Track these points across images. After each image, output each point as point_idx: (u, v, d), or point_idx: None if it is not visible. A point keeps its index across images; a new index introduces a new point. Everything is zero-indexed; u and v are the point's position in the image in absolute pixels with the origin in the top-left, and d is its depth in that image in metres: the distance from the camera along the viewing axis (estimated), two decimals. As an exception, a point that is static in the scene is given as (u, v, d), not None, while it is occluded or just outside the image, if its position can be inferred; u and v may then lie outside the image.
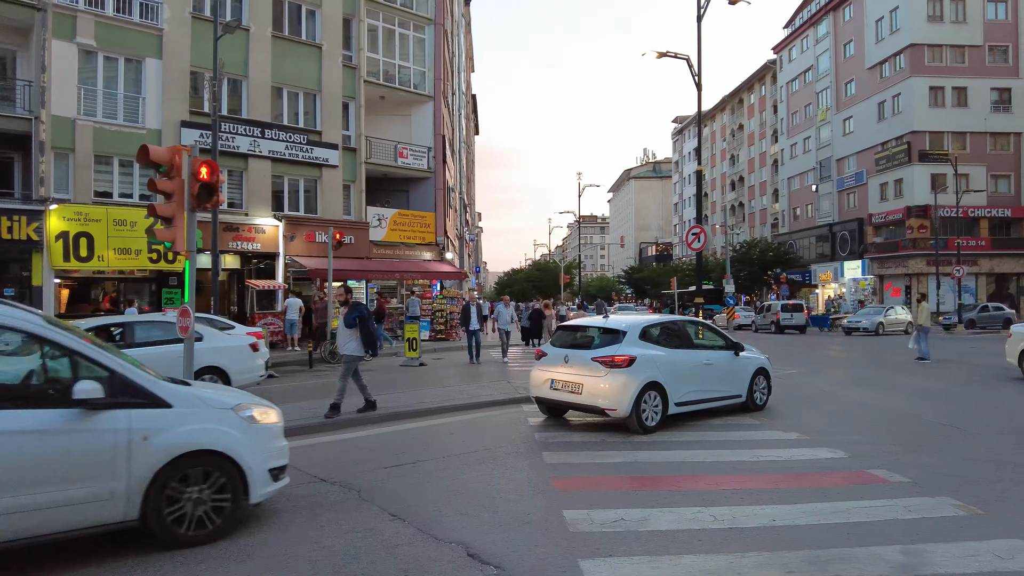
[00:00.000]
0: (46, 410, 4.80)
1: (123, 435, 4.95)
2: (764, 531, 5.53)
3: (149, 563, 4.92)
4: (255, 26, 24.95)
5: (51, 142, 20.85)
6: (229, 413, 5.62)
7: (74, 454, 4.78)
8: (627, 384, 9.27)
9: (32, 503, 4.56)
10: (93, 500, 4.83)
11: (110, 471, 4.89)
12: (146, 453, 5.02)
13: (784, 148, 64.64)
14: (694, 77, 18.73)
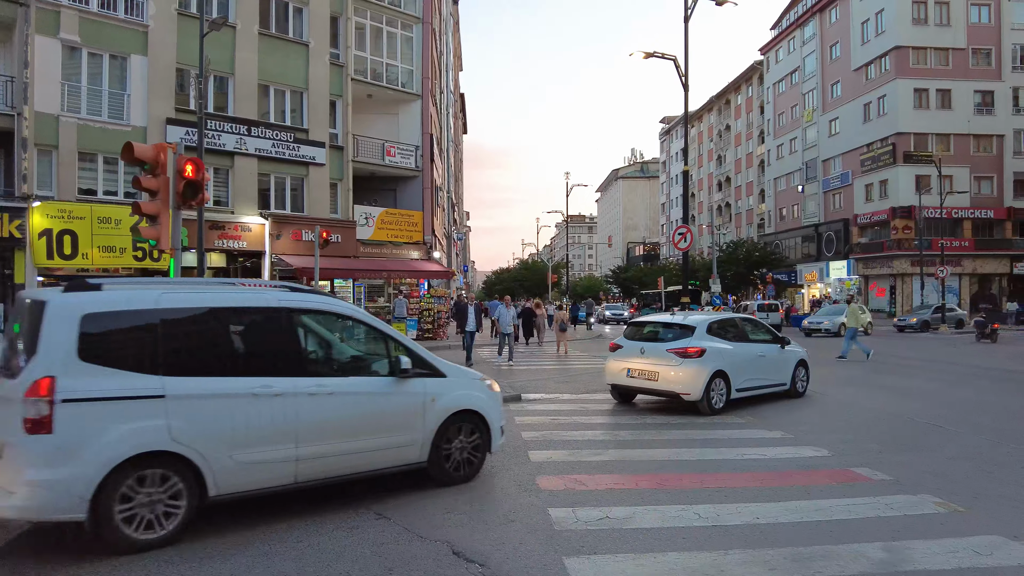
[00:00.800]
0: (379, 377, 6.50)
1: (420, 397, 6.60)
2: (747, 529, 5.57)
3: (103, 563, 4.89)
4: (242, 23, 24.80)
5: (34, 139, 20.64)
6: (479, 382, 7.32)
7: (394, 410, 6.44)
8: (699, 372, 10.79)
9: (372, 445, 6.27)
10: (404, 445, 6.49)
11: (413, 424, 6.53)
12: (434, 411, 6.68)
13: (770, 149, 65.00)
14: (681, 78, 18.80)
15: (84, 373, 5.00)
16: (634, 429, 9.77)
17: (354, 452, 6.15)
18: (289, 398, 5.75)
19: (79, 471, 4.85)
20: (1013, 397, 13.01)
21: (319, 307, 6.37)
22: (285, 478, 5.78)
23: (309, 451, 5.82)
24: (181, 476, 5.20)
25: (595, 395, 13.32)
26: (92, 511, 4.87)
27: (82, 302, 5.22)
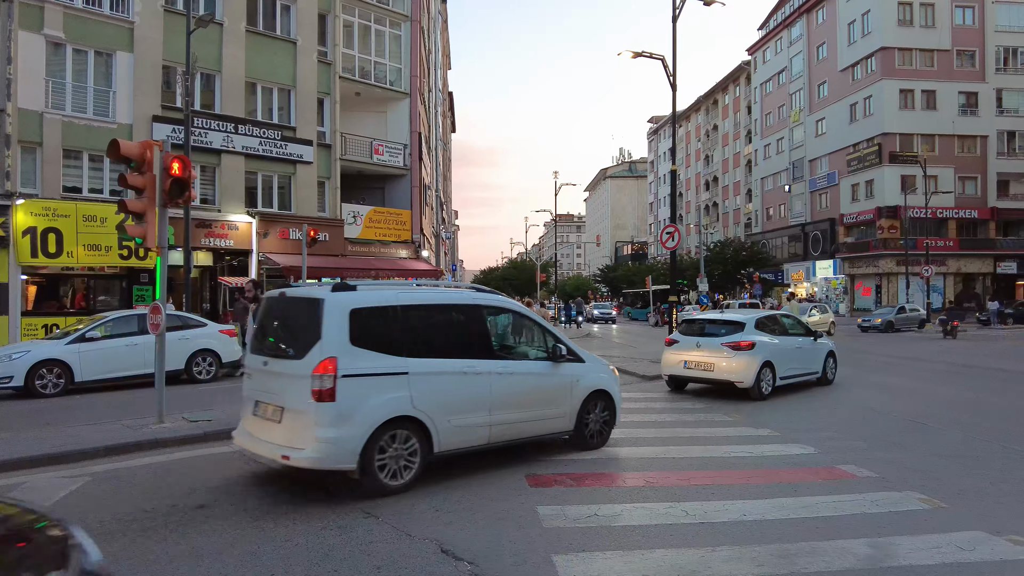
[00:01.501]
0: (541, 361, 8.02)
1: (569, 378, 8.13)
2: (734, 526, 5.61)
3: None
4: (229, 20, 24.65)
5: (18, 136, 20.43)
6: (607, 367, 8.85)
7: (552, 388, 7.98)
8: (750, 363, 12.25)
9: (539, 416, 7.81)
10: (558, 417, 8.00)
11: (564, 399, 8.06)
12: (578, 389, 8.18)
13: (758, 149, 65.33)
14: (669, 78, 18.86)
15: (354, 355, 6.40)
16: (622, 428, 9.78)
17: (527, 420, 7.69)
18: (485, 376, 7.26)
19: (353, 431, 6.24)
20: (992, 395, 13.16)
21: (500, 305, 8.05)
22: (481, 439, 7.28)
23: (498, 418, 7.34)
24: (417, 436, 6.65)
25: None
26: (360, 462, 6.26)
27: (349, 299, 6.62)
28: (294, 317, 7.09)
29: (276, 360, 6.92)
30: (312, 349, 6.31)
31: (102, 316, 14.82)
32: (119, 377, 13.86)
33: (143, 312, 14.56)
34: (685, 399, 12.64)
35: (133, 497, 6.45)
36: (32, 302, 21.18)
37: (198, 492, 6.60)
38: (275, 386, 6.77)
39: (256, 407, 6.95)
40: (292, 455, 6.19)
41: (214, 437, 8.95)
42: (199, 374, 14.77)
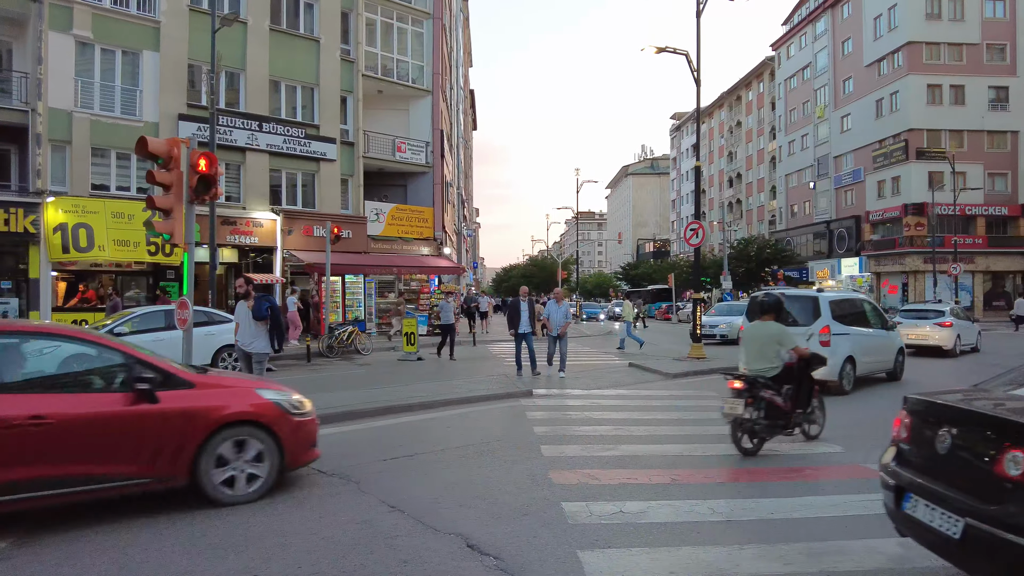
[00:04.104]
0: (882, 329, 14.46)
1: (895, 340, 14.98)
2: (761, 523, 5.56)
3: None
4: (253, 19, 24.87)
5: (48, 134, 20.79)
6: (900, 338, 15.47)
7: (889, 345, 14.57)
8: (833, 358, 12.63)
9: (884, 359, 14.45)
10: (888, 363, 14.50)
11: (891, 354, 14.57)
12: (897, 345, 14.92)
13: (782, 145, 64.68)
14: (693, 73, 18.72)
15: (834, 325, 12.68)
16: (646, 425, 9.75)
17: (880, 362, 13.76)
18: (867, 336, 13.29)
19: (836, 360, 12.18)
20: None
21: (865, 299, 14.73)
22: (868, 371, 13.45)
23: (874, 359, 13.33)
24: (851, 366, 12.90)
25: (605, 391, 13.32)
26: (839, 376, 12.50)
27: (826, 296, 13.24)
28: (804, 306, 13.13)
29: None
30: (815, 322, 12.74)
31: (129, 312, 15.03)
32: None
33: (170, 308, 14.76)
34: (712, 397, 12.53)
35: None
36: (62, 298, 21.53)
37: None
38: None
39: None
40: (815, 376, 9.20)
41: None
42: (225, 369, 14.92)
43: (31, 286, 20.34)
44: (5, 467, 5.05)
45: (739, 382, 7.88)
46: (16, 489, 5.12)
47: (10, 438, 5.07)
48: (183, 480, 5.85)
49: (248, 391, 6.46)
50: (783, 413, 8.00)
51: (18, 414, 5.12)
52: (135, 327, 14.24)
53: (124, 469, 5.54)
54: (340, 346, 20.21)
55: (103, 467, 5.45)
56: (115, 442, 5.53)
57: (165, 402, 5.73)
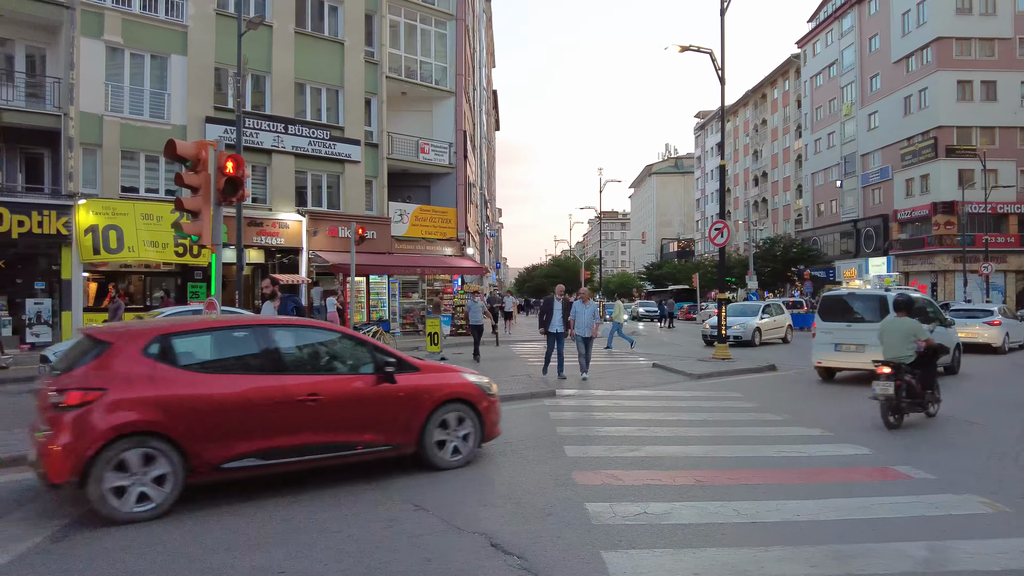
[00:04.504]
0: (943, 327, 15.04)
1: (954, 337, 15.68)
2: (787, 526, 5.52)
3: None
4: (278, 22, 25.14)
5: (79, 138, 21.19)
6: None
7: (948, 340, 14.73)
8: None
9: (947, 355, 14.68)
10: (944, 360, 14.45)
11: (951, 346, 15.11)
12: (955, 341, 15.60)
13: (808, 143, 63.99)
14: (718, 72, 18.61)
15: None
16: (670, 426, 9.72)
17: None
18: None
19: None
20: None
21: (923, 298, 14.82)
22: None
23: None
24: None
25: (628, 391, 13.29)
26: None
27: (890, 295, 12.92)
28: (865, 304, 14.30)
29: (856, 323, 14.00)
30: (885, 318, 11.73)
31: (159, 312, 15.26)
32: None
33: (198, 308, 14.98)
34: (737, 398, 12.46)
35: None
36: (93, 298, 21.93)
37: (255, 484, 6.74)
38: (860, 336, 13.56)
39: (837, 347, 14.21)
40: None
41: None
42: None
43: (63, 287, 20.74)
44: (294, 433, 6.29)
45: (888, 368, 9.45)
46: (303, 452, 6.37)
47: (296, 410, 6.30)
48: (411, 448, 7.08)
49: (457, 374, 7.74)
50: (918, 393, 9.58)
51: (300, 392, 6.34)
52: (164, 327, 14.44)
53: (371, 438, 6.78)
54: (364, 346, 20.28)
55: (358, 436, 6.70)
56: (366, 415, 6.77)
57: (400, 383, 6.97)
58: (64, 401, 5.53)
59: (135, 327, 6.32)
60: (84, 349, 6.11)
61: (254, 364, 6.41)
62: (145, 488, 5.65)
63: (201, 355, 6.33)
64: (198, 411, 5.89)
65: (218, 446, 5.94)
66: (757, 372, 16.44)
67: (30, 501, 6.19)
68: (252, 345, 6.55)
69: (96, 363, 5.80)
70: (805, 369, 16.20)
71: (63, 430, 5.48)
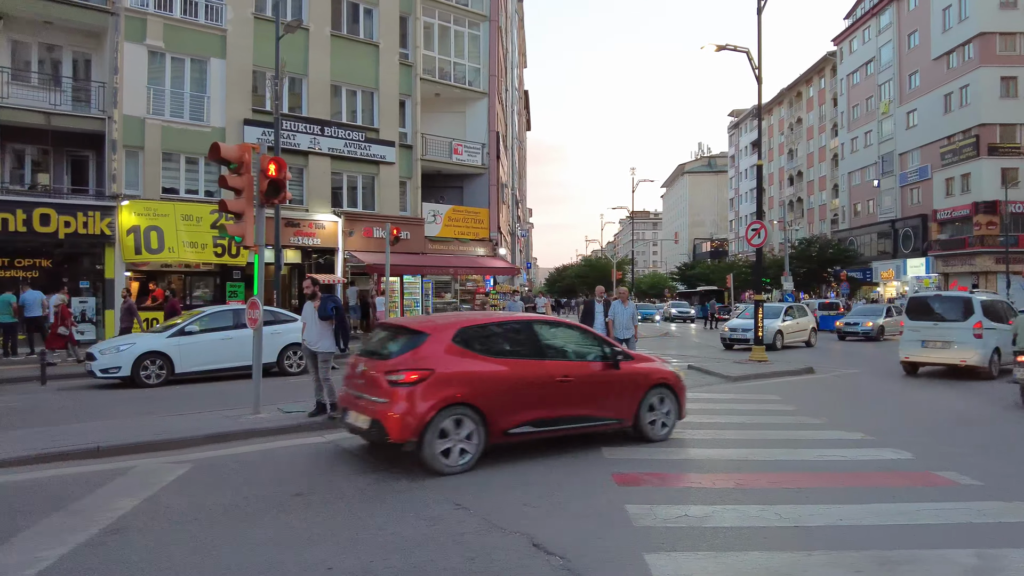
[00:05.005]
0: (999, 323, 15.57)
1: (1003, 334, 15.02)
2: (830, 530, 5.48)
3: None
4: (314, 25, 25.45)
5: (122, 140, 21.68)
6: None
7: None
8: (983, 347, 15.09)
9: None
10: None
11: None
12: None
13: (844, 142, 62.99)
14: (754, 70, 18.44)
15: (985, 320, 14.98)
16: (708, 428, 9.67)
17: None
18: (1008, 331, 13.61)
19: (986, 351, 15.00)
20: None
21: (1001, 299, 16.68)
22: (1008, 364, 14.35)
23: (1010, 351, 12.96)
24: None
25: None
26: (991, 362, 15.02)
27: (978, 297, 15.62)
28: (951, 305, 15.48)
29: (942, 322, 15.28)
30: (970, 317, 14.82)
31: (199, 311, 15.58)
32: (215, 369, 14.57)
33: (237, 307, 15.26)
34: (774, 401, 12.35)
35: (234, 484, 6.78)
36: (135, 297, 22.39)
37: (295, 480, 6.89)
38: (946, 334, 15.10)
39: (924, 343, 15.48)
40: (967, 360, 14.67)
41: (307, 428, 9.32)
42: (289, 367, 15.39)
43: (106, 286, 21.25)
44: (554, 408, 7.79)
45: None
46: (559, 422, 7.87)
47: (555, 389, 7.79)
48: (629, 423, 8.50)
49: (659, 363, 9.19)
50: None
51: (557, 374, 7.86)
52: (204, 325, 14.74)
53: (603, 413, 8.26)
54: (399, 345, 20.48)
55: (595, 411, 8.17)
56: (600, 395, 8.23)
57: (623, 369, 8.46)
58: (403, 379, 7.05)
59: (442, 322, 7.97)
60: (402, 338, 7.80)
61: (524, 351, 7.95)
62: (463, 445, 7.19)
63: (489, 343, 7.86)
64: (493, 387, 7.41)
65: (506, 415, 7.44)
66: (795, 375, 16.27)
67: (86, 494, 6.38)
68: (522, 336, 8.18)
69: (420, 349, 7.31)
70: (844, 373, 16.04)
71: (402, 400, 6.98)
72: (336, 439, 8.86)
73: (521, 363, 7.76)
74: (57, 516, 5.80)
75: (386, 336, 8.29)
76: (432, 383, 7.06)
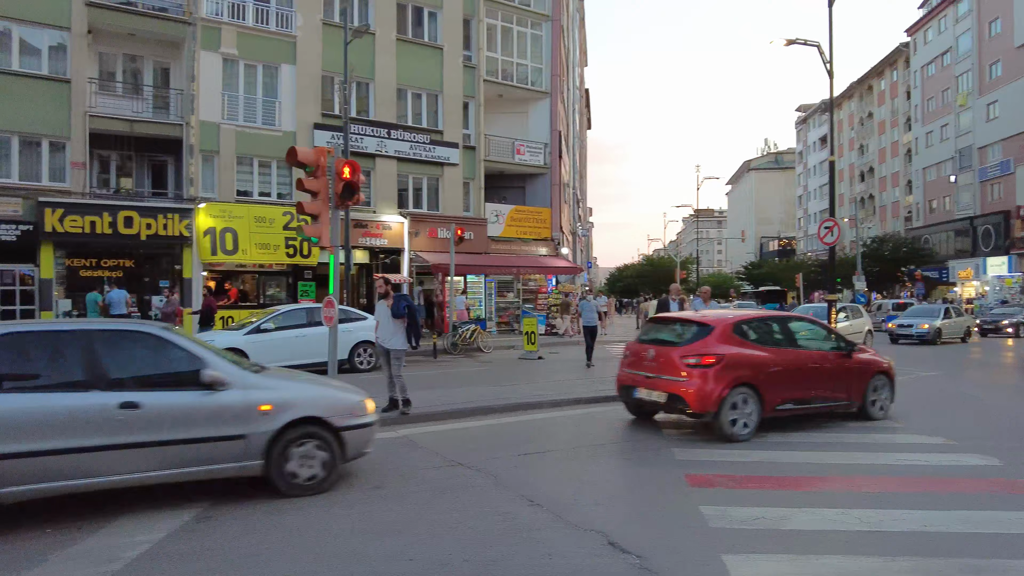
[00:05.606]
0: None
1: None
2: (913, 536, 5.34)
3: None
4: (380, 30, 25.94)
5: (199, 145, 22.55)
6: None
7: None
8: None
9: None
10: None
11: None
12: None
13: (918, 136, 60.66)
14: (825, 64, 18.01)
15: None
16: (781, 431, 9.50)
17: None
18: None
19: None
20: None
21: None
22: None
23: None
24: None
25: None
26: None
27: None
28: None
29: None
30: None
31: (274, 309, 16.09)
32: (288, 366, 14.98)
33: (310, 306, 15.71)
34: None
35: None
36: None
37: (371, 473, 7.07)
38: None
39: None
40: None
41: (380, 423, 9.52)
42: (360, 364, 15.77)
43: (184, 285, 22.12)
44: (808, 389, 9.36)
45: None
46: (812, 402, 9.46)
47: (809, 374, 9.41)
48: (857, 407, 9.99)
49: (877, 355, 10.67)
50: None
51: (810, 361, 9.54)
52: (279, 323, 15.22)
53: (840, 395, 9.73)
54: (463, 344, 20.79)
55: (836, 394, 9.70)
56: (839, 380, 9.73)
57: (854, 359, 9.96)
58: (701, 361, 8.59)
59: (721, 317, 9.60)
60: (688, 329, 9.39)
61: (784, 342, 9.63)
62: (745, 419, 8.65)
63: (758, 335, 9.41)
64: (765, 371, 8.93)
65: (775, 394, 8.94)
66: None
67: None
68: (781, 329, 9.85)
69: (709, 338, 8.85)
70: (922, 376, 15.49)
71: (701, 379, 8.51)
72: (408, 434, 9.07)
73: (783, 351, 9.40)
74: None
75: (668, 328, 9.96)
76: (725, 366, 8.59)
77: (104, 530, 5.49)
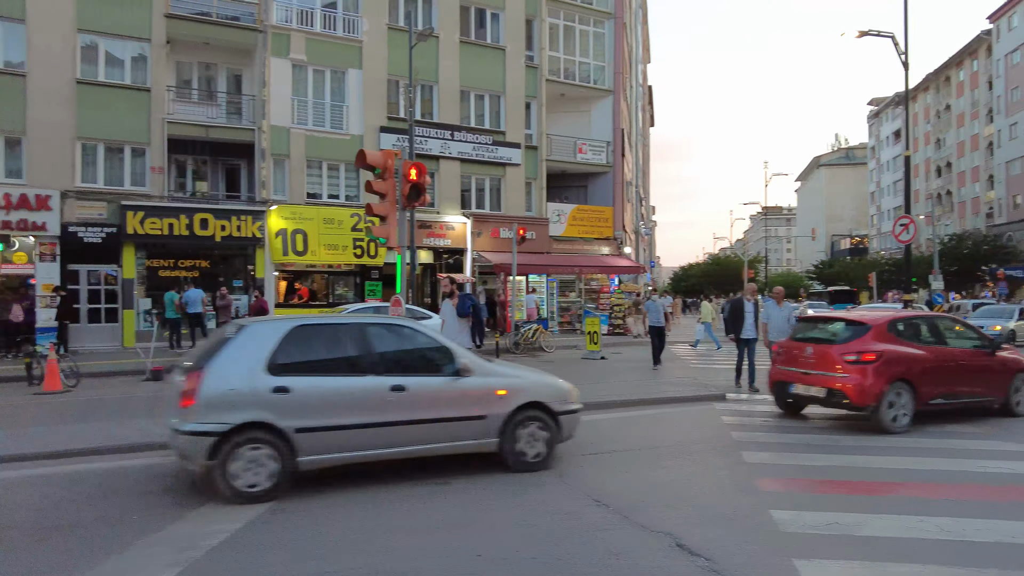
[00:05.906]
0: None
1: None
2: (1000, 547, 5.12)
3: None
4: (444, 33, 26.23)
5: (270, 149, 23.24)
6: None
7: None
8: None
9: None
10: None
11: None
12: None
13: (1001, 128, 57.85)
14: (900, 56, 17.43)
15: None
16: (853, 434, 9.24)
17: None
18: None
19: None
20: None
21: None
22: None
23: None
24: None
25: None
26: None
27: None
28: None
29: None
30: None
31: (342, 309, 16.48)
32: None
33: (376, 305, 16.04)
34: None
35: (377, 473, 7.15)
36: (283, 295, 23.98)
37: (434, 470, 7.17)
38: None
39: None
40: None
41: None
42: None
43: (257, 285, 22.82)
44: (955, 385, 9.78)
45: None
46: (958, 397, 9.85)
47: (956, 370, 9.84)
48: (1000, 403, 10.30)
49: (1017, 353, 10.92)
50: None
51: (961, 359, 10.07)
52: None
53: (984, 392, 10.14)
54: (525, 343, 20.85)
55: (979, 390, 10.09)
56: (983, 376, 10.13)
57: (996, 356, 10.37)
58: (862, 358, 9.12)
59: (876, 316, 10.15)
60: (844, 328, 9.95)
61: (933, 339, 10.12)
62: (901, 412, 9.19)
63: (911, 332, 9.92)
64: (919, 367, 9.41)
65: (928, 389, 9.40)
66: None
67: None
68: (928, 327, 10.39)
69: (867, 337, 9.39)
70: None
71: (862, 375, 9.07)
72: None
73: (933, 349, 9.81)
74: None
75: (821, 327, 10.58)
76: (883, 363, 9.11)
77: (184, 519, 5.74)
